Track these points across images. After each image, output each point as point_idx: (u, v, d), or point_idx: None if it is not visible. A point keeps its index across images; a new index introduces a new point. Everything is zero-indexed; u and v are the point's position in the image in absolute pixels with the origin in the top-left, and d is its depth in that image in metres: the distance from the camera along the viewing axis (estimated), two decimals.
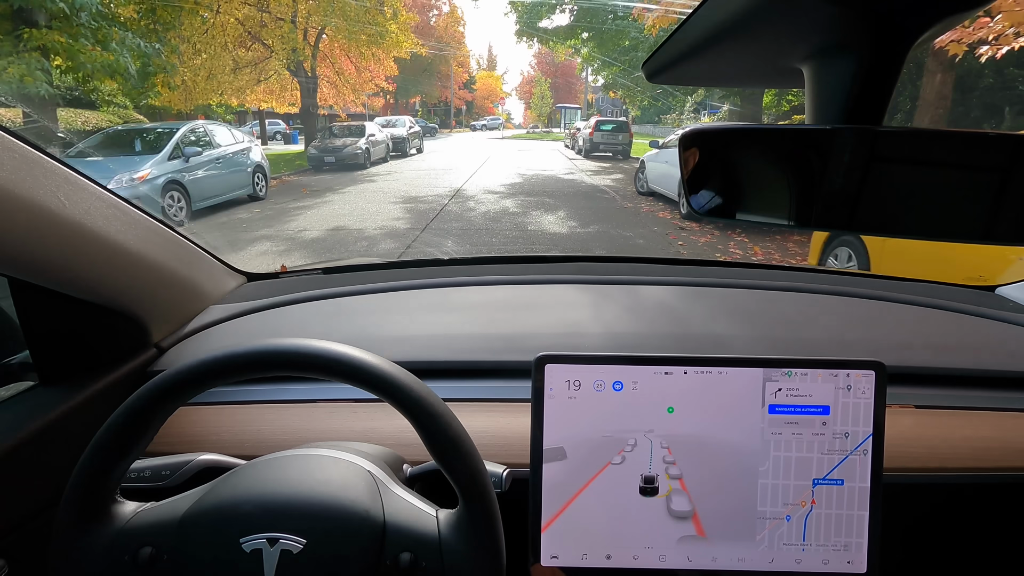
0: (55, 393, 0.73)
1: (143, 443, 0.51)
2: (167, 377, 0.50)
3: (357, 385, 0.51)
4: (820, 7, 0.34)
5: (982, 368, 0.88)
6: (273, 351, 0.51)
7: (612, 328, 0.98)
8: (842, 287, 1.13)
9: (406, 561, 0.50)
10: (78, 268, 0.69)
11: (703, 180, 0.45)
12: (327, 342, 0.52)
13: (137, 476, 0.64)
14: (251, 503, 0.51)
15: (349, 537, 0.50)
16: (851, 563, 0.61)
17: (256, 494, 0.51)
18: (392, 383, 0.51)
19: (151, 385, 0.50)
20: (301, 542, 0.49)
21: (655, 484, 0.62)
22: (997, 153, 0.37)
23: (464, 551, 0.50)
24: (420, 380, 0.53)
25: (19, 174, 0.60)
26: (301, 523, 0.49)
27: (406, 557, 0.50)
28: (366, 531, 0.50)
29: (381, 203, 8.17)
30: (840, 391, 0.61)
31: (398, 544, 0.50)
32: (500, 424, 0.77)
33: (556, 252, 4.69)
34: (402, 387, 0.51)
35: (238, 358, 0.50)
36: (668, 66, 0.49)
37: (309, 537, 0.49)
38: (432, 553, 0.50)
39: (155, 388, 0.50)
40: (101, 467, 0.50)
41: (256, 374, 0.51)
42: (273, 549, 0.48)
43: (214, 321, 0.98)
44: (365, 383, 0.51)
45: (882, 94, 0.39)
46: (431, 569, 0.50)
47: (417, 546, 0.50)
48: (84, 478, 0.50)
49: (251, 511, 0.50)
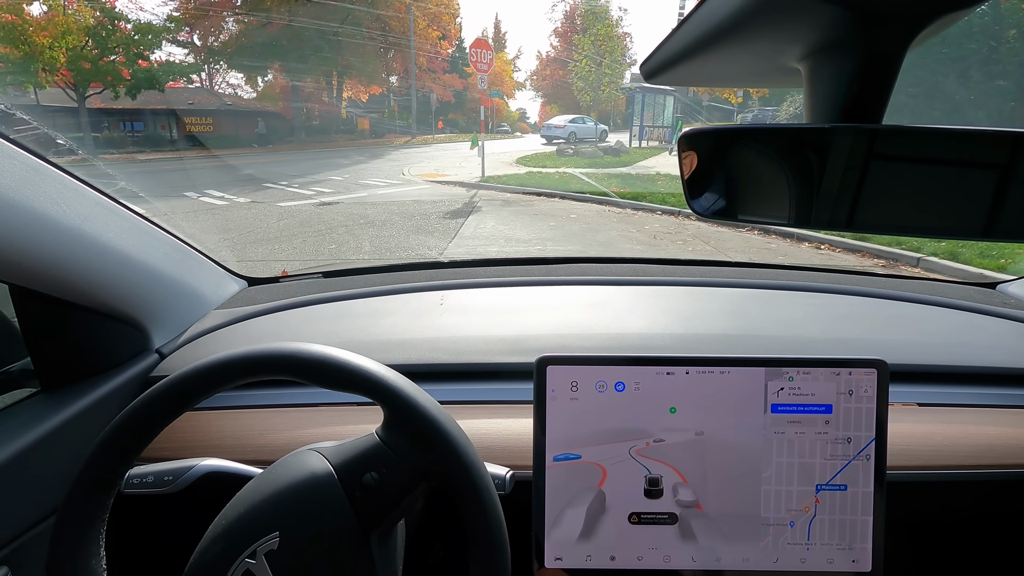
0: (56, 400, 0.72)
1: (142, 450, 0.52)
2: (168, 383, 0.51)
3: (350, 392, 0.52)
4: (817, 6, 0.34)
5: (984, 365, 0.87)
6: (265, 356, 0.51)
7: (613, 329, 0.98)
8: (843, 286, 1.13)
9: (372, 479, 0.51)
10: (79, 274, 0.69)
11: (703, 181, 0.45)
12: (314, 345, 0.52)
13: (140, 482, 0.63)
14: (220, 537, 0.51)
15: (310, 499, 0.51)
16: (856, 562, 0.61)
17: (221, 527, 0.52)
18: (390, 390, 0.51)
19: (153, 392, 0.51)
20: (275, 535, 0.50)
21: (659, 486, 0.62)
22: (997, 150, 0.37)
23: (472, 553, 0.50)
24: (416, 385, 0.53)
25: (19, 180, 0.60)
26: (269, 520, 0.51)
27: (370, 477, 0.51)
28: (322, 482, 0.52)
29: None
30: (842, 390, 0.61)
31: (356, 471, 0.52)
32: (502, 426, 0.77)
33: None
34: (399, 393, 0.51)
35: (238, 362, 0.51)
36: (666, 66, 0.48)
37: (280, 526, 0.50)
38: (390, 461, 0.51)
39: (156, 394, 0.51)
40: (101, 476, 0.50)
41: (254, 378, 0.52)
42: (258, 560, 0.49)
43: (215, 326, 0.97)
44: (360, 389, 0.51)
45: (881, 92, 0.38)
46: (395, 476, 0.51)
47: (374, 463, 0.52)
48: (83, 487, 0.50)
49: (223, 544, 0.51)
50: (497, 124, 36.38)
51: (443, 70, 31.75)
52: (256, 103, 27.51)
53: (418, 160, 16.83)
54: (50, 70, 16.90)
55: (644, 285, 1.14)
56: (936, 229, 0.40)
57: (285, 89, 26.40)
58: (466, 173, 12.52)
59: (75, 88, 18.22)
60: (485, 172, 11.55)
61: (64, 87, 18.02)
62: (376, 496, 0.51)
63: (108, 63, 18.27)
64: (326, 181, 12.02)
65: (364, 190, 10.56)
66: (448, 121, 34.88)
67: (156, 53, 19.94)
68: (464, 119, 36.68)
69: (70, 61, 17.02)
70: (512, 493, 0.63)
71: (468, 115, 36.43)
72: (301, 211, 8.39)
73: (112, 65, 18.42)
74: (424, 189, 10.65)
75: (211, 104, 25.00)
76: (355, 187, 11.02)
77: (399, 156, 18.69)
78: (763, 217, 0.44)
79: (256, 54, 23.89)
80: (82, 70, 17.65)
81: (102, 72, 18.15)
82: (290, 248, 5.85)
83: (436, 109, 31.87)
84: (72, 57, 17.03)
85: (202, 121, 24.43)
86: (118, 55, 18.54)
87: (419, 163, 15.71)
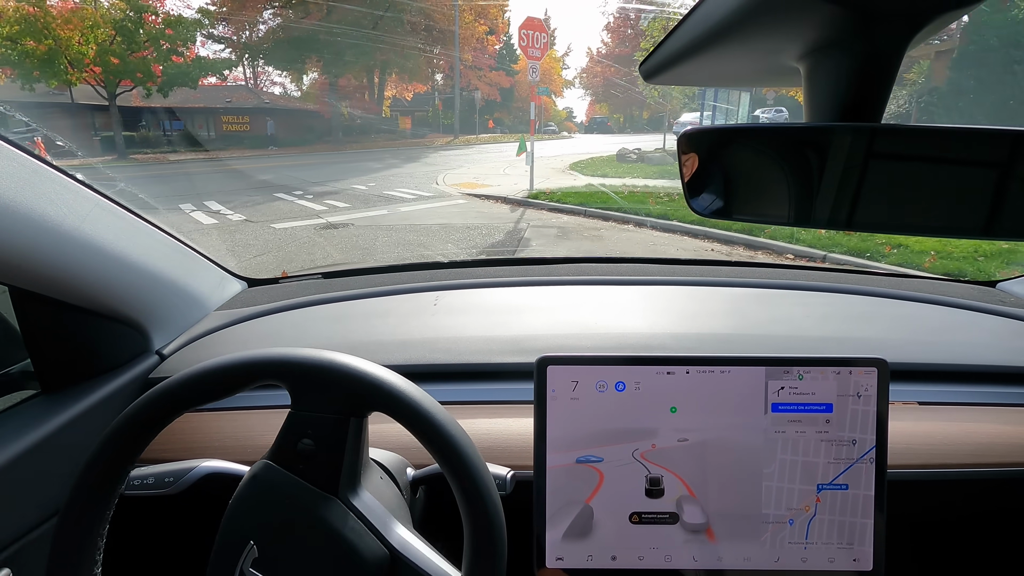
0: (57, 401, 0.72)
1: (142, 451, 0.52)
2: (168, 385, 0.51)
3: (258, 382, 0.52)
4: (816, 6, 0.34)
5: (985, 363, 0.87)
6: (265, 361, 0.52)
7: (614, 329, 0.97)
8: (843, 284, 1.14)
9: (306, 445, 0.52)
10: (78, 276, 0.69)
11: (703, 181, 0.44)
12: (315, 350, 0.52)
13: (141, 484, 0.63)
14: (211, 573, 0.51)
15: (261, 497, 0.52)
16: (857, 561, 0.61)
17: (209, 565, 0.51)
18: (392, 392, 0.50)
19: (152, 393, 0.51)
20: (250, 544, 0.50)
21: (660, 485, 0.62)
22: (996, 148, 0.36)
23: (467, 550, 0.49)
24: (416, 385, 0.52)
25: (19, 182, 0.60)
26: (240, 534, 0.50)
27: (303, 444, 0.52)
28: (263, 477, 0.52)
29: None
30: (843, 389, 0.61)
31: (288, 448, 0.52)
32: (503, 426, 0.76)
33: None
34: (401, 395, 0.50)
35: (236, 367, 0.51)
36: (665, 66, 0.48)
37: (251, 534, 0.50)
38: (311, 420, 0.52)
39: (156, 396, 0.51)
40: (102, 477, 0.50)
41: (253, 385, 0.52)
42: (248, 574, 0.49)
43: (215, 327, 0.97)
44: (260, 377, 0.51)
45: (880, 91, 0.38)
46: (323, 429, 0.51)
47: (300, 431, 0.52)
48: (84, 489, 0.50)
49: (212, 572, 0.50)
50: (544, 123, 33.56)
51: (489, 67, 29.75)
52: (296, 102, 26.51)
53: (456, 164, 14.93)
54: (78, 66, 15.94)
55: (644, 285, 1.15)
56: (935, 227, 0.39)
57: (323, 86, 25.19)
58: (510, 183, 10.40)
59: (104, 85, 17.27)
60: (534, 184, 9.38)
61: (93, 84, 17.09)
62: (317, 457, 0.51)
63: (138, 59, 17.24)
64: (345, 192, 10.22)
65: (385, 205, 8.60)
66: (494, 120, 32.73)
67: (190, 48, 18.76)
68: (510, 118, 34.98)
69: (97, 56, 16.02)
70: (513, 493, 0.63)
71: (514, 114, 35.35)
72: (296, 237, 6.52)
73: (143, 61, 17.40)
74: (458, 205, 8.59)
75: (248, 102, 24.07)
76: (376, 201, 9.11)
77: (437, 159, 16.85)
78: (763, 216, 0.43)
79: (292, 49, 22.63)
80: (110, 65, 16.65)
81: (131, 68, 17.13)
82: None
83: (480, 108, 29.69)
84: (99, 52, 16.02)
85: (239, 120, 23.58)
86: (148, 50, 17.47)
87: (457, 168, 13.78)
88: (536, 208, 8.00)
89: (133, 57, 17.04)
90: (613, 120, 39.95)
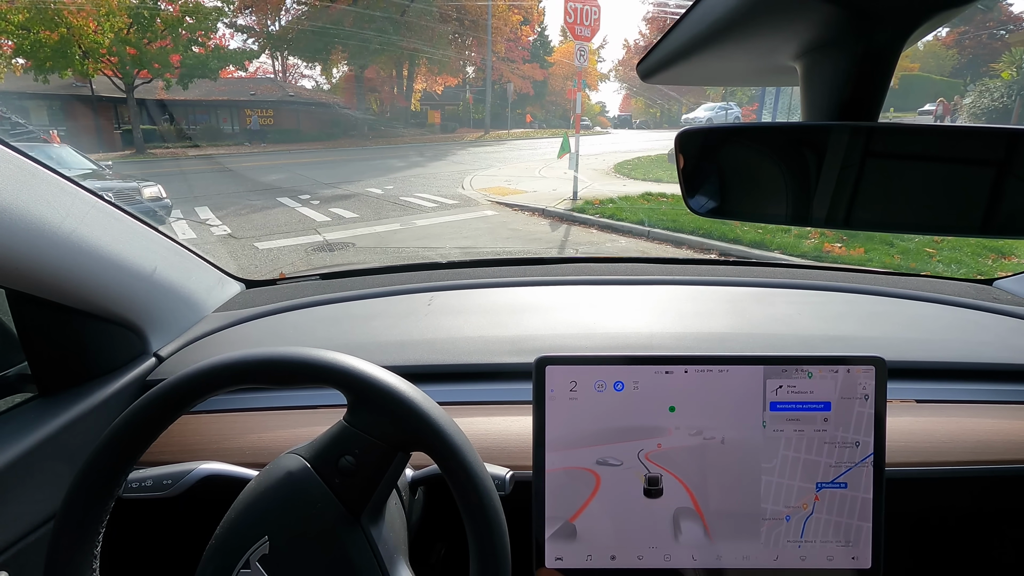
0: (54, 404, 0.72)
1: (141, 454, 0.51)
2: (167, 386, 0.51)
3: (306, 385, 0.51)
4: (813, 5, 0.34)
5: (982, 361, 0.88)
6: (267, 359, 0.51)
7: (612, 328, 0.96)
8: (841, 283, 1.14)
9: (348, 463, 0.51)
10: (75, 278, 0.68)
11: (700, 180, 0.43)
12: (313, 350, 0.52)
13: (139, 486, 0.63)
14: (214, 555, 0.51)
15: (291, 497, 0.51)
16: (856, 559, 0.61)
17: (214, 546, 0.51)
18: (343, 372, 0.51)
19: (151, 395, 0.50)
20: (264, 539, 0.50)
21: (659, 485, 0.61)
22: (992, 147, 0.36)
23: (473, 554, 0.49)
24: (414, 385, 0.52)
25: (16, 185, 0.60)
26: (256, 527, 0.51)
27: (345, 461, 0.51)
28: (299, 478, 0.52)
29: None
30: (841, 388, 0.61)
31: (331, 459, 0.52)
32: (502, 426, 0.76)
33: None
34: (398, 395, 0.50)
35: (236, 366, 0.51)
36: (663, 66, 0.47)
37: (268, 529, 0.50)
38: (361, 441, 0.51)
39: (155, 397, 0.50)
40: (100, 480, 0.49)
41: (253, 383, 0.51)
42: (252, 568, 0.49)
43: (213, 329, 0.97)
44: (316, 380, 0.51)
45: (876, 90, 0.38)
46: (369, 454, 0.51)
47: (346, 447, 0.51)
48: (82, 492, 0.49)
49: (217, 560, 0.50)
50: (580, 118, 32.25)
51: (523, 59, 28.34)
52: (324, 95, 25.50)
53: (486, 164, 13.47)
54: (93, 56, 15.11)
55: (642, 284, 1.15)
56: (933, 226, 0.39)
57: (350, 80, 24.08)
58: (547, 188, 8.87)
59: (120, 76, 16.45)
60: (578, 192, 7.83)
61: (110, 75, 16.29)
62: (355, 478, 0.51)
63: (156, 49, 16.35)
64: (358, 197, 8.89)
65: (398, 218, 7.21)
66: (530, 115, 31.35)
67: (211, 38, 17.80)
68: (543, 112, 33.50)
69: (113, 45, 15.16)
70: (512, 493, 0.63)
71: (548, 108, 33.81)
72: (279, 260, 5.18)
73: (161, 51, 16.51)
74: (486, 219, 7.13)
75: (272, 95, 23.17)
76: (390, 210, 7.74)
77: (465, 157, 15.45)
78: (761, 216, 0.42)
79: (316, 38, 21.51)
80: (126, 55, 15.80)
81: (148, 58, 16.26)
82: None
83: (512, 102, 27.63)
84: (115, 41, 15.16)
85: (263, 114, 22.71)
86: (166, 40, 16.55)
87: (486, 169, 12.31)
88: (584, 225, 6.45)
89: (150, 47, 16.18)
90: (649, 115, 38.00)
